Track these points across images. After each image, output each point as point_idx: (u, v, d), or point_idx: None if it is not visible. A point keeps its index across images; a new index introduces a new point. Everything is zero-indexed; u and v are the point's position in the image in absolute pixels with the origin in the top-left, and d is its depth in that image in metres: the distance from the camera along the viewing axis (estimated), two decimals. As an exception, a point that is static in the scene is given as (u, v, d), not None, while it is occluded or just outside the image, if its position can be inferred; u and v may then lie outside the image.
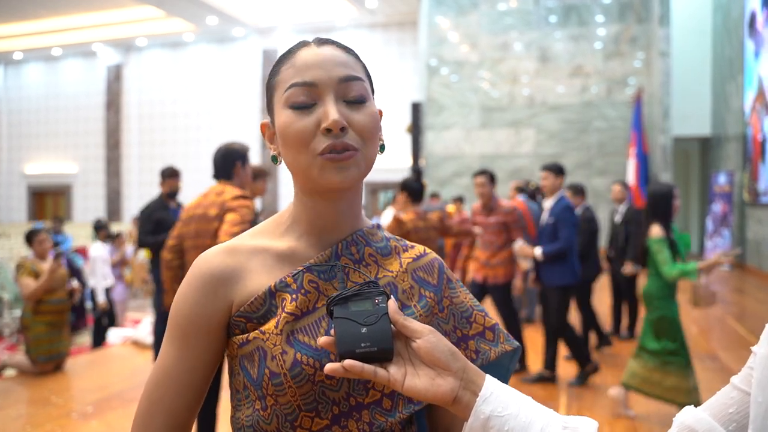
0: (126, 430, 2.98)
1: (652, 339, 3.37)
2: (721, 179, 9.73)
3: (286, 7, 14.60)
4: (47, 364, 4.78)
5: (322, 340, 0.68)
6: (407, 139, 11.79)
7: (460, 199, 8.24)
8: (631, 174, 10.24)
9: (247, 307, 0.78)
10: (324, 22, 15.49)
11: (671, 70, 10.42)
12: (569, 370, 4.63)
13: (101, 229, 7.16)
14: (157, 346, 3.97)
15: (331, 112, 0.75)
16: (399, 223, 3.92)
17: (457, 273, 5.80)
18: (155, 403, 0.79)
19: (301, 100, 0.77)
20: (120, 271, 7.51)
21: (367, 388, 0.78)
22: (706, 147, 12.00)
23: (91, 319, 7.35)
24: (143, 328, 5.81)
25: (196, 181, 14.91)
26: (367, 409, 0.77)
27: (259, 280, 0.80)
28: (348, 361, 0.64)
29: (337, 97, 0.77)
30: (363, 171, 0.78)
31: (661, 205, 3.35)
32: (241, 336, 0.79)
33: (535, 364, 4.69)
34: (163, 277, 3.00)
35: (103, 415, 3.82)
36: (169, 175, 4.69)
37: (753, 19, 8.74)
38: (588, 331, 5.06)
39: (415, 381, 0.66)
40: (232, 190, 2.81)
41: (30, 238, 5.00)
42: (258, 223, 0.97)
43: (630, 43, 11.36)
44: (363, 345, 0.66)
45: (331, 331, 0.70)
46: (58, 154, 19.25)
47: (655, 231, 3.29)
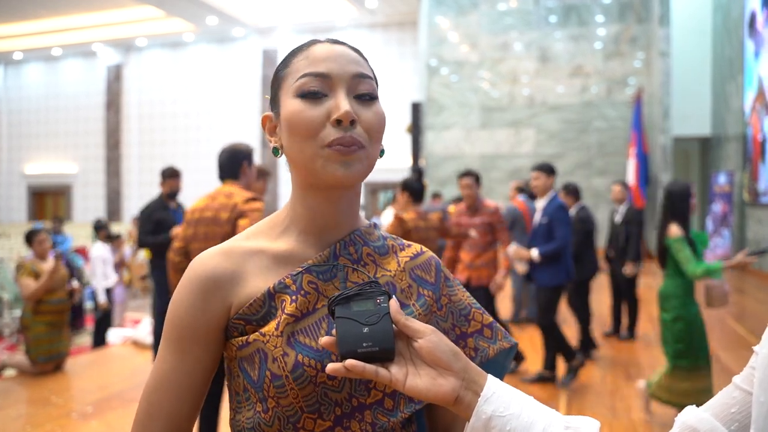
0: (126, 430, 2.97)
1: (667, 341, 3.36)
2: (721, 179, 9.72)
3: (286, 7, 14.61)
4: (47, 364, 4.78)
5: (324, 340, 0.68)
6: (407, 139, 11.79)
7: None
8: (631, 174, 10.25)
9: (246, 309, 0.78)
10: (324, 22, 15.50)
11: (671, 70, 10.42)
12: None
13: (101, 230, 7.16)
14: (157, 346, 3.96)
15: (343, 104, 0.75)
16: (400, 222, 3.94)
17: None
18: (154, 408, 0.78)
19: (313, 88, 0.77)
20: (119, 273, 7.51)
21: (368, 388, 0.78)
22: (706, 147, 11.99)
23: (89, 320, 7.35)
24: (143, 328, 5.81)
25: (196, 182, 14.94)
26: (369, 409, 0.77)
27: (256, 282, 0.80)
28: (349, 361, 0.64)
29: (349, 92, 0.78)
30: (366, 169, 0.78)
31: (678, 204, 3.33)
32: (240, 338, 0.78)
33: (534, 364, 4.69)
34: (170, 278, 2.99)
35: (103, 415, 3.82)
36: (170, 175, 4.68)
37: (753, 19, 8.73)
38: (587, 329, 5.05)
39: (417, 381, 0.66)
40: (241, 192, 2.79)
41: (30, 239, 5.00)
42: None
43: (630, 43, 11.36)
44: (365, 345, 0.66)
45: (333, 331, 0.69)
46: (58, 154, 19.26)
47: (674, 230, 3.26)
